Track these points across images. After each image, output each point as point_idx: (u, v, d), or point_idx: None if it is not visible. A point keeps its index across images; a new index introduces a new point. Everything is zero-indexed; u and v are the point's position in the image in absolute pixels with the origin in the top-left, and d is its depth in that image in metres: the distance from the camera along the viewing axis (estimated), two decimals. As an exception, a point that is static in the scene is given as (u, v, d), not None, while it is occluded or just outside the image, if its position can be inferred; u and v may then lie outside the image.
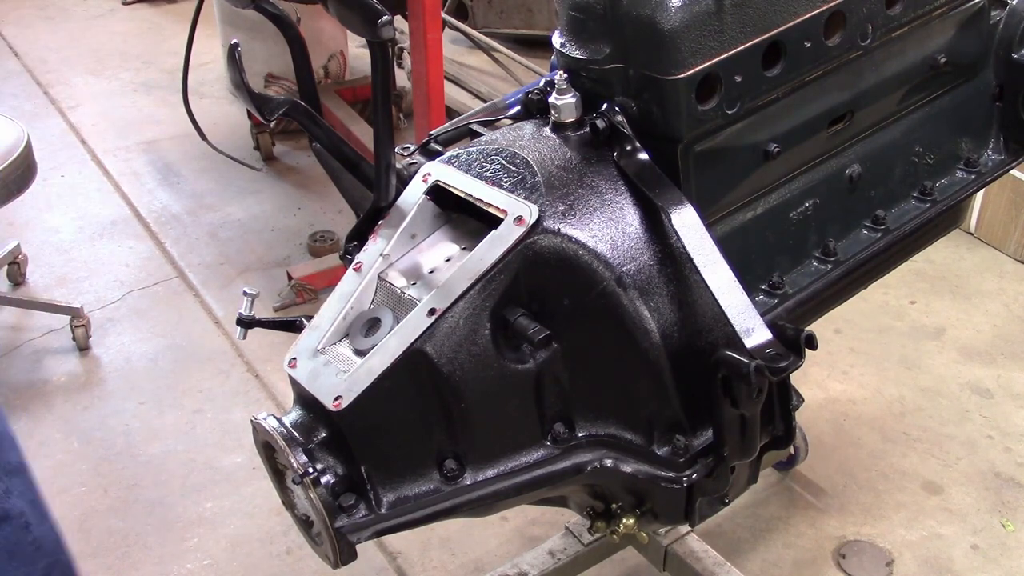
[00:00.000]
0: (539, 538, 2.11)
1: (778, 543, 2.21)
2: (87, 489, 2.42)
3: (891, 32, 1.32)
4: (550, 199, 1.13)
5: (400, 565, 2.18)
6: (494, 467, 1.18)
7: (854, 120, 1.36)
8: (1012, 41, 1.51)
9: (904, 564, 2.15)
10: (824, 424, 2.49)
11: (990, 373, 2.66)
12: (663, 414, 1.17)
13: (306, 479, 1.10)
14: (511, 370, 1.14)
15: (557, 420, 1.20)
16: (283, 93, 3.64)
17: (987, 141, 1.58)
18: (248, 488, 2.38)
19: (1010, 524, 2.23)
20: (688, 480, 1.18)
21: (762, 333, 1.06)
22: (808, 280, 1.36)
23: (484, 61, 4.27)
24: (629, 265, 1.13)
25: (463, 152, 1.24)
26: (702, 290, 1.11)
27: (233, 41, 1.41)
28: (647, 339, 1.12)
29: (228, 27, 3.84)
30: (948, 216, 1.54)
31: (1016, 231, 3.09)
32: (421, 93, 3.05)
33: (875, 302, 2.88)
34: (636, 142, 1.18)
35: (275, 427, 1.13)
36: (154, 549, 2.25)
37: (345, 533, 1.12)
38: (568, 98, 1.20)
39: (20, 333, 2.97)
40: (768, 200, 1.32)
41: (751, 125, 1.23)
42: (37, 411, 2.66)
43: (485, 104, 1.50)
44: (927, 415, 2.53)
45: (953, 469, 2.38)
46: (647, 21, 1.11)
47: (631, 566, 2.11)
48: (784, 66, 1.21)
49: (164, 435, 2.56)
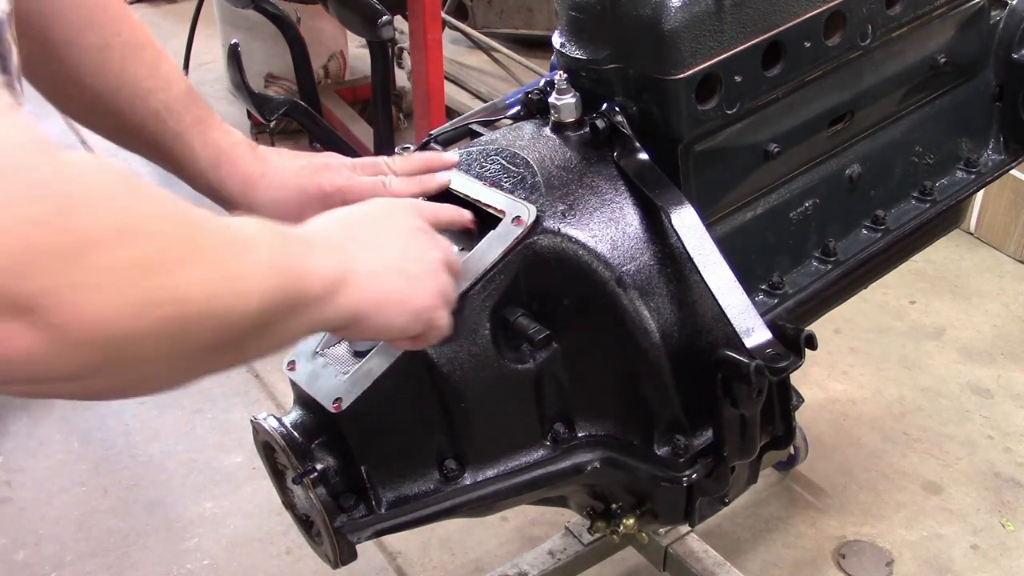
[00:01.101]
0: (539, 538, 2.11)
1: (778, 543, 2.21)
2: (87, 489, 2.42)
3: (891, 32, 1.32)
4: (550, 199, 1.14)
5: (400, 565, 2.18)
6: (494, 467, 1.18)
7: (854, 120, 1.36)
8: (1012, 41, 1.51)
9: (904, 564, 2.15)
10: (824, 424, 2.49)
11: (990, 373, 2.66)
12: (663, 414, 1.17)
13: (306, 479, 1.10)
14: (511, 370, 1.14)
15: (557, 420, 1.20)
16: (283, 93, 3.64)
17: (987, 141, 1.58)
18: (248, 488, 2.38)
19: (1010, 524, 2.23)
20: (688, 480, 1.18)
21: (762, 333, 1.06)
22: (808, 280, 1.36)
23: (484, 61, 4.27)
24: (629, 265, 1.13)
25: (463, 152, 1.24)
26: (702, 290, 1.11)
27: (233, 41, 1.42)
28: (647, 339, 1.12)
29: (228, 27, 3.84)
30: (948, 216, 1.54)
31: (1016, 231, 3.09)
32: (421, 93, 3.05)
33: (875, 302, 2.88)
34: (636, 142, 1.18)
35: (275, 427, 1.13)
36: (154, 549, 2.25)
37: (345, 533, 1.12)
38: (568, 98, 1.20)
39: (20, 333, 2.97)
40: (768, 200, 1.32)
41: (751, 125, 1.23)
42: (37, 411, 2.66)
43: (485, 104, 1.50)
44: (927, 415, 2.53)
45: (953, 469, 2.37)
46: (647, 21, 1.11)
47: (631, 566, 2.11)
48: (784, 66, 1.21)
49: (164, 435, 2.56)
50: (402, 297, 0.91)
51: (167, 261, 0.63)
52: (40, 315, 0.57)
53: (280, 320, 0.75)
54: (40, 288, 0.57)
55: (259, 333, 0.74)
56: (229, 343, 0.71)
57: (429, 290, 0.94)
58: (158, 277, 0.62)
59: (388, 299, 0.89)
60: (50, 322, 0.57)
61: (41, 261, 0.57)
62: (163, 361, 0.66)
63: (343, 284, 0.83)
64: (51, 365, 0.59)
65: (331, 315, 0.82)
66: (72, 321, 0.58)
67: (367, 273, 0.87)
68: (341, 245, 0.87)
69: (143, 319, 0.61)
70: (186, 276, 0.64)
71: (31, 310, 0.57)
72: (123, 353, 0.62)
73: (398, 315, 0.91)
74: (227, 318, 0.69)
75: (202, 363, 0.71)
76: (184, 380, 0.72)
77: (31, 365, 0.59)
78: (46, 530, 2.31)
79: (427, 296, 0.94)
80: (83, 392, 0.66)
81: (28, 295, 0.56)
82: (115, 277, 0.60)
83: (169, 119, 1.10)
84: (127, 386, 0.68)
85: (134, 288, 0.61)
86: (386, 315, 0.89)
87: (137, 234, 0.62)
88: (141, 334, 0.62)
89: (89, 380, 0.63)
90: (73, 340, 0.59)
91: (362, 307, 0.85)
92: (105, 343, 0.60)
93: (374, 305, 0.87)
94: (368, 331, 0.89)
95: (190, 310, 0.65)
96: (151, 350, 0.64)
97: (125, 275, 0.60)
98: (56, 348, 0.58)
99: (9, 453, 2.53)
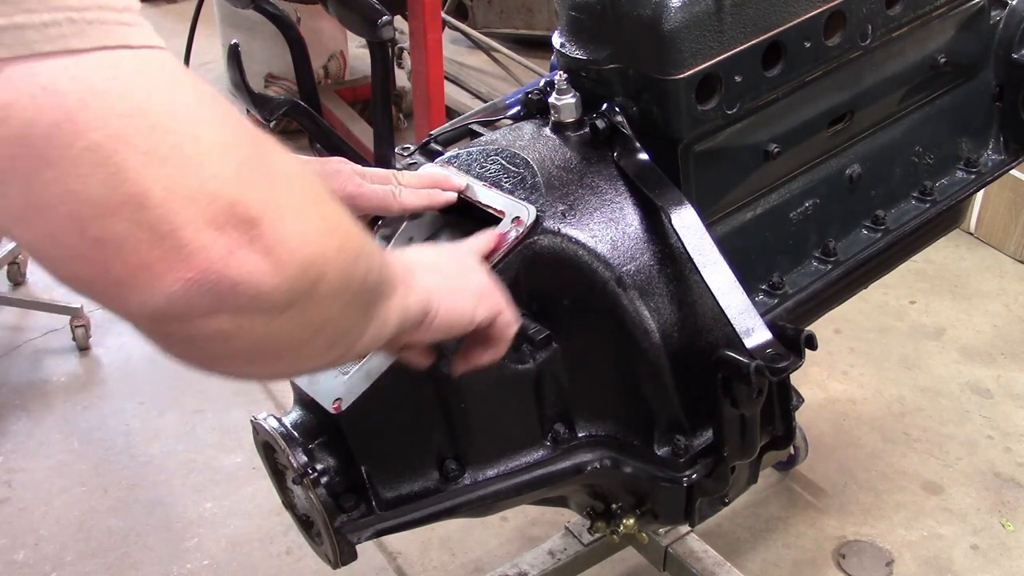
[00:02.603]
0: (539, 538, 2.11)
1: (778, 543, 2.21)
2: (87, 489, 2.42)
3: (891, 32, 1.32)
4: (550, 199, 1.14)
5: (400, 565, 2.18)
6: (494, 467, 1.18)
7: (854, 120, 1.36)
8: (1012, 41, 1.51)
9: (904, 564, 2.15)
10: (824, 424, 2.49)
11: (990, 373, 2.66)
12: (663, 414, 1.17)
13: (306, 479, 1.10)
14: (511, 370, 1.14)
15: (557, 420, 1.20)
16: (283, 93, 3.64)
17: (987, 141, 1.58)
18: (248, 488, 2.38)
19: (1010, 524, 2.23)
20: (688, 480, 1.18)
21: (762, 333, 1.06)
22: (808, 280, 1.36)
23: (484, 61, 4.27)
24: (629, 265, 1.13)
25: (463, 152, 1.24)
26: (702, 290, 1.11)
27: (233, 41, 1.42)
28: (647, 339, 1.12)
29: (228, 27, 3.84)
30: (948, 216, 1.54)
31: (1016, 231, 3.09)
32: (421, 93, 3.06)
33: (875, 302, 2.88)
34: (636, 142, 1.18)
35: (275, 427, 1.13)
36: (154, 549, 2.25)
37: (345, 533, 1.12)
38: (568, 98, 1.20)
39: (20, 333, 2.98)
40: (768, 200, 1.32)
41: (751, 125, 1.23)
42: (37, 411, 2.66)
43: (485, 104, 1.50)
44: (927, 415, 2.53)
45: (953, 469, 2.37)
46: (647, 21, 1.11)
47: (631, 566, 2.11)
48: (784, 66, 1.21)
49: (164, 435, 2.57)
50: (460, 283, 0.95)
51: (325, 196, 0.68)
52: (259, 229, 0.59)
53: (386, 296, 0.80)
54: (259, 200, 0.60)
55: (378, 301, 0.78)
56: (369, 302, 0.76)
57: (481, 278, 0.98)
58: (328, 205, 0.68)
59: (448, 284, 0.92)
60: (268, 237, 0.60)
61: (252, 176, 0.60)
62: (337, 304, 0.69)
63: (412, 274, 0.87)
64: (267, 284, 0.61)
65: (414, 302, 0.86)
66: (284, 237, 0.61)
67: (427, 265, 0.92)
68: (395, 252, 0.93)
69: (330, 241, 0.65)
70: (342, 212, 0.70)
71: (254, 222, 0.59)
72: (318, 282, 0.65)
73: (463, 299, 0.93)
74: (369, 267, 0.73)
75: (353, 324, 0.75)
76: (338, 349, 0.76)
77: (250, 281, 0.60)
78: (46, 530, 2.31)
79: (480, 280, 0.98)
80: (273, 339, 0.66)
81: (251, 206, 0.59)
82: (302, 200, 0.64)
83: None
84: (306, 342, 0.70)
85: (317, 212, 0.65)
86: (453, 299, 0.92)
87: (298, 169, 0.66)
88: (329, 260, 0.65)
89: (289, 316, 0.65)
90: (286, 257, 0.61)
91: (432, 291, 0.89)
92: (308, 264, 0.63)
93: (440, 291, 0.90)
94: (445, 317, 0.91)
95: (353, 244, 0.69)
96: (334, 284, 0.67)
97: (308, 199, 0.65)
98: (273, 264, 0.60)
99: (9, 453, 2.54)
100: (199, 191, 0.57)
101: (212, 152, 0.58)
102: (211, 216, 0.57)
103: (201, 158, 0.57)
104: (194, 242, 0.57)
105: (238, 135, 0.61)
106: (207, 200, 0.57)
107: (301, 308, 0.65)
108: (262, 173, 0.61)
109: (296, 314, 0.65)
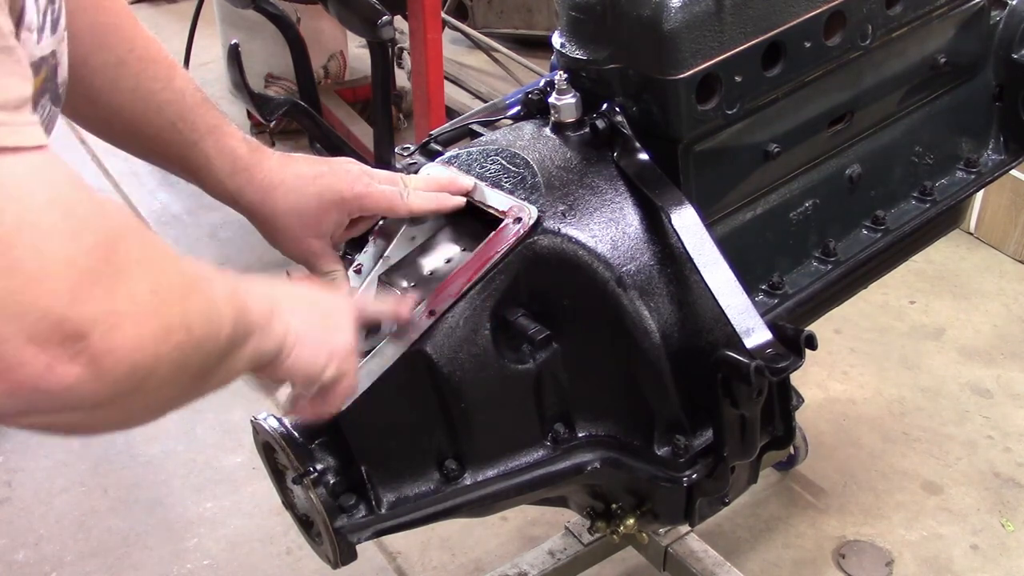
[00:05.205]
0: (539, 538, 2.11)
1: (778, 543, 2.21)
2: (87, 489, 2.42)
3: (891, 32, 1.32)
4: (550, 199, 1.14)
5: (400, 565, 2.18)
6: (494, 467, 1.18)
7: (854, 120, 1.36)
8: (1012, 41, 1.51)
9: (904, 564, 2.15)
10: (824, 424, 2.49)
11: (990, 373, 2.66)
12: (663, 414, 1.17)
13: (306, 479, 1.11)
14: (511, 370, 1.14)
15: (557, 420, 1.20)
16: (283, 93, 3.64)
17: (987, 141, 1.58)
18: (248, 488, 2.38)
19: (1010, 524, 2.23)
20: (688, 480, 1.18)
21: (762, 333, 1.06)
22: (808, 280, 1.36)
23: (484, 61, 4.27)
24: (629, 265, 1.13)
25: (463, 152, 1.24)
26: (702, 290, 1.11)
27: (233, 41, 1.42)
28: (647, 339, 1.12)
29: (228, 27, 3.84)
30: (948, 216, 1.54)
31: (1016, 231, 3.09)
32: (421, 93, 3.05)
33: (875, 302, 2.88)
34: (636, 142, 1.18)
35: (275, 427, 1.13)
36: (154, 549, 2.25)
37: (345, 533, 1.12)
38: (568, 98, 1.20)
39: (20, 333, 2.97)
40: (768, 200, 1.32)
41: (751, 125, 1.23)
42: (37, 411, 2.66)
43: (485, 104, 1.50)
44: (927, 415, 2.53)
45: (953, 469, 2.38)
46: (647, 21, 1.11)
47: (631, 566, 2.11)
48: (784, 66, 1.21)
49: (164, 435, 2.56)
50: (322, 335, 0.95)
51: (176, 291, 0.68)
52: (87, 341, 0.60)
53: (238, 347, 0.80)
54: (91, 315, 0.60)
55: (224, 359, 0.78)
56: (209, 369, 0.76)
57: (345, 338, 0.98)
58: (173, 306, 0.68)
59: (310, 334, 0.93)
60: (95, 349, 0.61)
61: (91, 290, 0.60)
62: (167, 388, 0.70)
63: (273, 315, 0.87)
64: (86, 391, 0.62)
65: (268, 345, 0.86)
66: (113, 348, 0.62)
67: (290, 309, 0.91)
68: (266, 290, 0.91)
69: (163, 344, 0.66)
70: (189, 305, 0.70)
71: (82, 336, 0.60)
72: (145, 380, 0.65)
73: (318, 351, 0.94)
74: (215, 343, 0.74)
75: (188, 392, 0.76)
76: (170, 409, 0.76)
77: (67, 392, 0.61)
78: (46, 530, 2.31)
79: (343, 341, 0.98)
80: (92, 423, 0.68)
81: (80, 322, 0.60)
82: (144, 306, 0.64)
83: (184, 129, 1.10)
84: (133, 416, 0.71)
85: (157, 317, 0.65)
86: (309, 350, 0.92)
87: (154, 267, 0.67)
88: (161, 359, 0.66)
89: (110, 408, 0.66)
90: (111, 366, 0.62)
91: (288, 337, 0.89)
92: (134, 369, 0.64)
93: (297, 337, 0.90)
94: (294, 363, 0.91)
95: (194, 335, 0.70)
96: (164, 376, 0.67)
97: (150, 304, 0.65)
98: (95, 373, 0.61)
99: (9, 453, 2.54)
100: (30, 307, 0.58)
101: (52, 267, 0.59)
102: (34, 333, 0.59)
103: (39, 274, 0.59)
104: (13, 358, 0.59)
105: (89, 243, 0.61)
106: (37, 317, 0.59)
107: (124, 401, 0.66)
108: (105, 283, 0.61)
109: (119, 406, 0.66)
